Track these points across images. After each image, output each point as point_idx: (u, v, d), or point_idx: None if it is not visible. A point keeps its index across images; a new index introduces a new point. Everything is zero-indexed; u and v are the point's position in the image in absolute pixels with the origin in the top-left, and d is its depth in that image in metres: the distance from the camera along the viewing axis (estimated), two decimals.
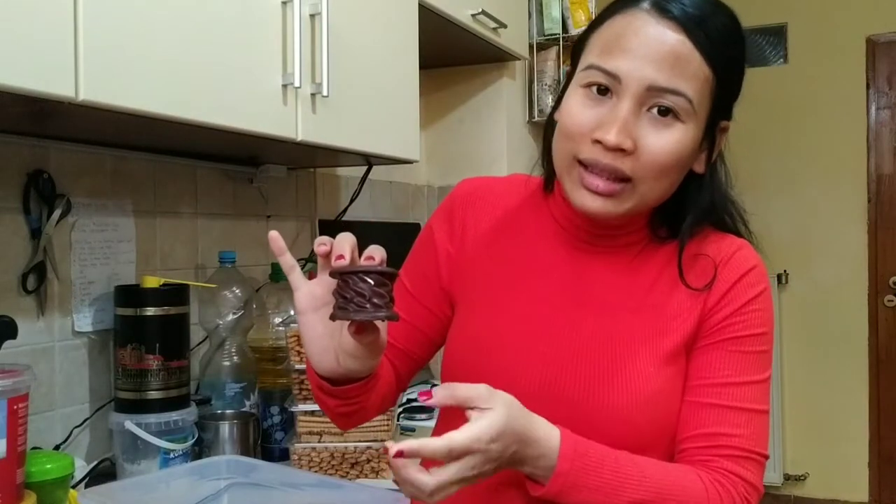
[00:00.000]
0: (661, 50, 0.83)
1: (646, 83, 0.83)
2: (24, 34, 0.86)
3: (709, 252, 0.92)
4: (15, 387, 0.94)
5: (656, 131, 0.84)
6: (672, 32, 0.83)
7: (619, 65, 0.83)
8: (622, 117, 0.83)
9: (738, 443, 0.86)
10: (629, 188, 0.85)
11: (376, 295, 0.75)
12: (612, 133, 0.82)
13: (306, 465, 1.38)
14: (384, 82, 1.58)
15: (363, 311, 0.75)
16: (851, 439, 3.78)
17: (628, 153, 0.83)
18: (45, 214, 1.30)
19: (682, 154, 0.85)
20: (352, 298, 0.75)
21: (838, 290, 3.82)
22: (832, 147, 3.80)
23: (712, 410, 0.88)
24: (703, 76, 0.84)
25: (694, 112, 0.84)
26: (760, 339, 0.90)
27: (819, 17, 3.81)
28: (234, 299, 1.55)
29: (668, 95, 0.83)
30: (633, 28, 0.84)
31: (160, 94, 1.05)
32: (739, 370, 0.88)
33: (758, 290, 0.91)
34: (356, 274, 0.76)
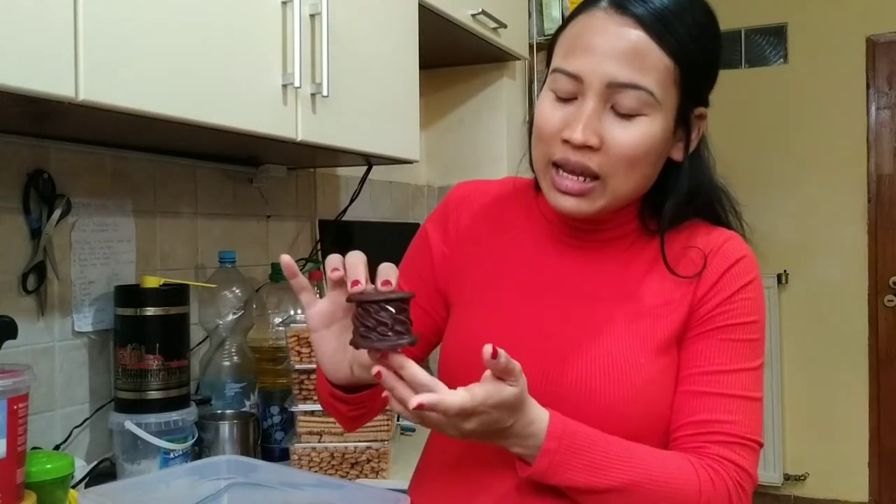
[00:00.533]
0: (618, 46, 0.84)
1: (606, 80, 0.85)
2: (24, 34, 0.86)
3: (698, 244, 0.94)
4: (15, 387, 0.94)
5: (621, 126, 0.86)
6: (628, 28, 0.85)
7: (580, 65, 0.86)
8: (586, 115, 0.85)
9: (731, 429, 0.87)
10: (599, 185, 0.88)
11: (398, 322, 0.77)
12: (578, 131, 0.85)
13: (306, 465, 1.38)
14: (384, 82, 1.58)
15: (387, 339, 0.76)
16: (851, 439, 3.78)
17: (595, 150, 0.86)
18: (45, 214, 1.30)
19: (651, 146, 0.87)
20: (374, 327, 0.76)
21: (838, 290, 3.82)
22: (832, 147, 3.80)
23: (704, 398, 0.89)
24: (663, 67, 0.85)
25: (658, 103, 0.86)
26: (751, 328, 0.91)
27: (819, 17, 3.81)
28: (234, 299, 1.55)
29: (629, 90, 0.85)
30: (591, 28, 0.87)
31: (160, 94, 1.05)
32: (731, 358, 0.90)
33: (747, 279, 0.92)
34: (377, 303, 0.77)
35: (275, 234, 1.89)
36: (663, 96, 0.86)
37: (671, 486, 0.83)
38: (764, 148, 3.83)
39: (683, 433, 0.89)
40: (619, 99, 0.85)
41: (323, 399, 0.96)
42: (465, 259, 1.02)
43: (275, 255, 1.86)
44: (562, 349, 0.91)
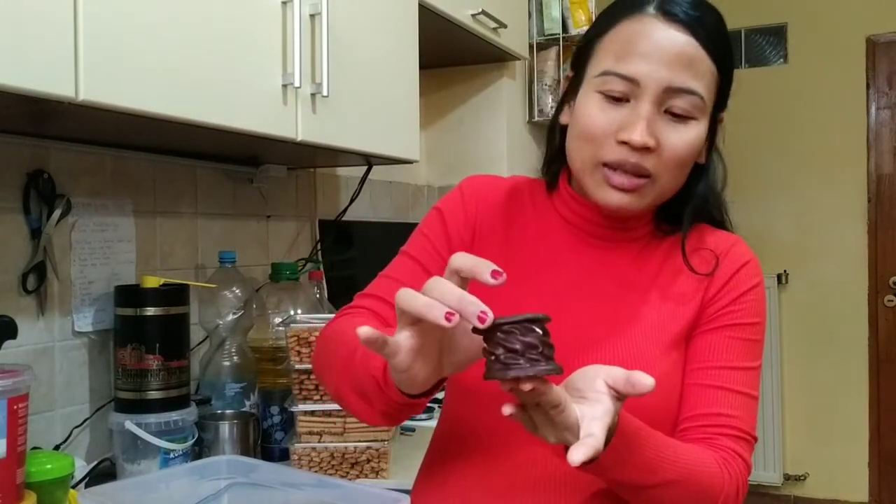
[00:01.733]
0: (673, 52, 0.88)
1: (663, 84, 0.87)
2: (24, 34, 0.86)
3: (708, 245, 0.97)
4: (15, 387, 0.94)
5: (674, 129, 0.89)
6: (680, 34, 0.88)
7: (637, 69, 0.88)
8: (645, 118, 0.87)
9: (737, 424, 0.90)
10: (649, 183, 0.91)
11: (546, 346, 0.68)
12: (638, 133, 0.87)
13: (306, 465, 1.38)
14: (384, 82, 1.58)
15: (538, 365, 0.66)
16: (851, 439, 3.78)
17: (652, 151, 0.88)
18: (45, 214, 1.30)
19: (696, 148, 0.92)
20: (522, 352, 0.66)
21: (838, 290, 3.82)
22: (832, 147, 3.80)
23: (714, 392, 0.91)
24: (710, 73, 0.90)
25: (706, 108, 0.90)
26: (755, 329, 0.95)
27: (819, 17, 3.81)
28: (234, 299, 1.55)
29: (684, 95, 0.88)
30: (643, 33, 0.89)
31: (160, 94, 1.05)
32: (736, 356, 0.93)
33: (755, 282, 0.96)
34: (521, 324, 0.67)
35: (275, 234, 1.89)
36: (709, 101, 0.91)
37: (704, 482, 0.84)
38: (764, 148, 3.83)
39: (694, 424, 0.91)
40: (673, 102, 0.88)
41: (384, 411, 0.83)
42: (482, 252, 0.97)
43: (275, 255, 1.86)
44: (579, 346, 0.91)
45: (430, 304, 0.65)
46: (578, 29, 2.55)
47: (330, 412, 1.38)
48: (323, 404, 1.37)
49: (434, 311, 0.64)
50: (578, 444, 0.67)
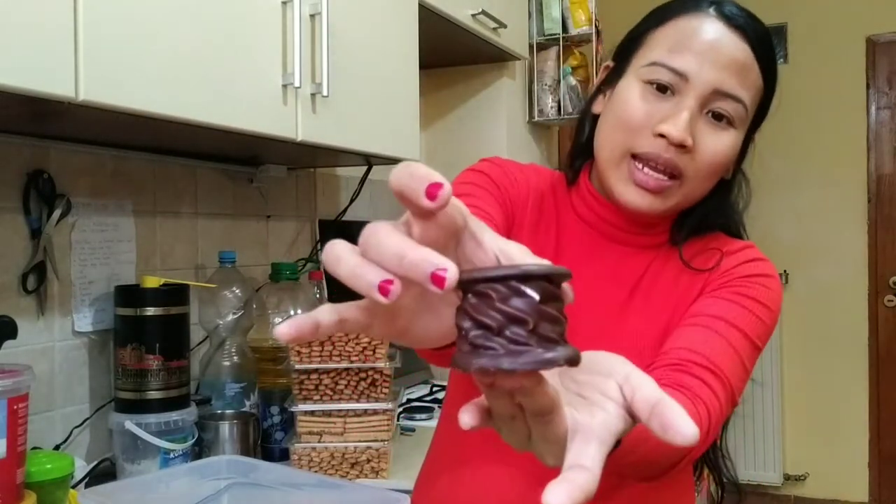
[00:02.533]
0: (729, 56, 0.85)
1: (712, 86, 0.85)
2: (24, 34, 0.86)
3: (718, 246, 0.94)
4: (15, 387, 0.94)
5: (713, 133, 0.86)
6: (738, 40, 0.85)
7: (688, 64, 0.85)
8: (685, 116, 0.84)
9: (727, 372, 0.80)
10: (676, 185, 0.87)
11: (545, 319, 0.40)
12: (679, 127, 0.83)
13: (306, 465, 1.38)
14: (384, 82, 1.58)
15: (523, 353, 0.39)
16: (851, 439, 3.78)
17: (688, 150, 0.85)
18: (45, 214, 1.30)
19: (731, 157, 0.89)
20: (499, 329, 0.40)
21: (838, 290, 3.82)
22: (832, 147, 3.81)
23: (705, 333, 0.83)
24: (758, 86, 0.88)
25: (746, 120, 0.88)
26: (763, 309, 0.87)
27: (819, 17, 3.81)
28: (234, 299, 1.55)
29: (730, 101, 0.85)
30: (701, 30, 0.86)
31: (160, 94, 1.05)
32: (738, 318, 0.85)
33: (767, 272, 0.90)
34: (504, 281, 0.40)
35: (275, 234, 1.89)
36: (751, 112, 0.89)
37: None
38: (764, 148, 3.82)
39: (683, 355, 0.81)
40: (718, 106, 0.86)
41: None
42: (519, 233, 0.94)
43: (275, 255, 1.86)
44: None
45: (355, 272, 0.41)
46: (578, 29, 2.55)
47: (330, 412, 1.38)
48: (323, 404, 1.37)
49: (361, 281, 0.41)
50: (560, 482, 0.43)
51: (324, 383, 1.37)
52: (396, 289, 0.40)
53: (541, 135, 2.71)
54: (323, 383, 1.37)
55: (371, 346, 1.35)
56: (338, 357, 1.35)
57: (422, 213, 0.43)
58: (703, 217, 0.94)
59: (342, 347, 1.35)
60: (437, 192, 0.42)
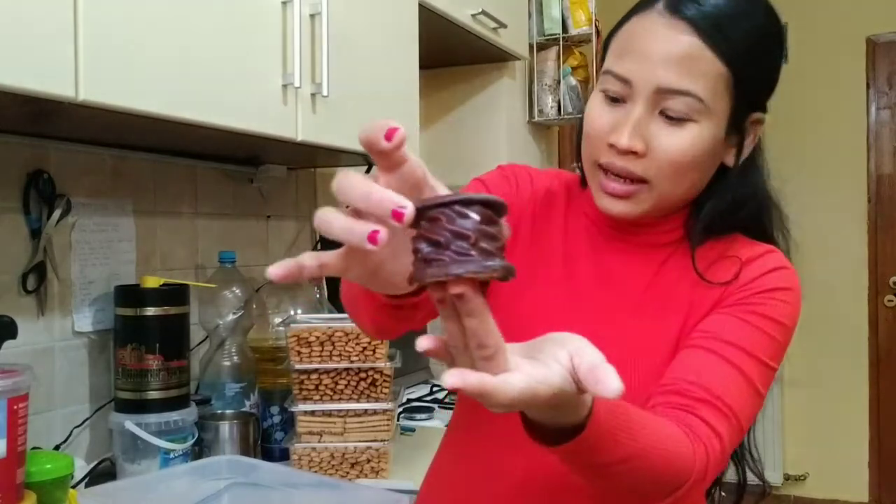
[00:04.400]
0: (670, 51, 0.82)
1: (655, 85, 0.82)
2: (24, 34, 0.86)
3: (737, 254, 0.90)
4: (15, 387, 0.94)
5: (669, 132, 0.83)
6: (681, 32, 0.82)
7: (630, 68, 0.84)
8: (633, 120, 0.83)
9: (730, 400, 0.80)
10: (646, 188, 0.85)
11: (485, 237, 0.49)
12: (624, 136, 0.83)
13: (306, 465, 1.38)
14: (384, 82, 1.58)
15: (469, 261, 0.48)
16: (851, 439, 3.78)
17: (640, 155, 0.83)
18: (45, 214, 1.30)
19: (698, 152, 0.84)
20: (447, 244, 0.48)
21: (838, 290, 3.82)
22: (832, 147, 3.81)
23: (713, 359, 0.82)
24: (715, 73, 0.82)
25: (708, 109, 0.83)
26: (779, 328, 0.86)
27: (819, 17, 3.81)
28: (234, 299, 1.55)
29: (678, 96, 0.82)
30: (643, 30, 0.84)
31: (160, 94, 1.05)
32: (751, 342, 0.84)
33: (788, 285, 0.87)
34: (450, 206, 0.49)
35: (275, 234, 1.89)
36: (714, 102, 0.83)
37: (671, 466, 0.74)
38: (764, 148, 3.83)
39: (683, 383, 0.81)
40: (668, 104, 0.83)
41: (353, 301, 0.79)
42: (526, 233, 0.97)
43: (275, 256, 1.86)
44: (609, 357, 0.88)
45: (347, 229, 0.50)
46: (578, 29, 2.55)
47: (330, 412, 1.38)
48: (323, 404, 1.37)
49: (353, 235, 0.50)
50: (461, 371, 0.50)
51: (324, 383, 1.37)
52: (383, 236, 0.49)
53: (541, 135, 2.71)
54: (323, 383, 1.37)
55: (371, 347, 1.35)
56: (338, 357, 1.35)
57: (384, 154, 0.54)
58: (718, 214, 0.90)
59: (342, 347, 1.35)
60: (393, 134, 0.53)
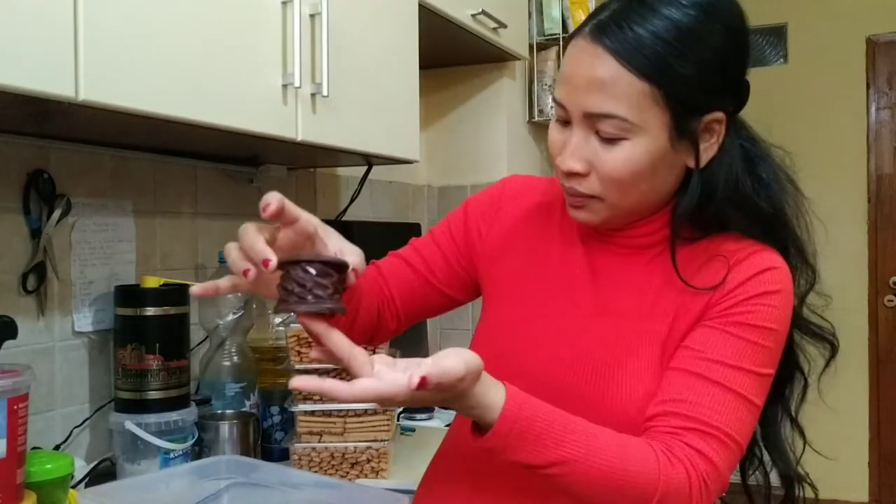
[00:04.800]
0: (590, 76, 0.84)
1: (581, 111, 0.86)
2: (24, 34, 0.86)
3: (725, 252, 0.91)
4: (15, 387, 0.94)
5: (606, 150, 0.86)
6: (600, 56, 0.84)
7: (562, 94, 0.88)
8: (572, 144, 0.87)
9: (713, 420, 0.83)
10: (597, 201, 0.89)
11: (318, 286, 0.74)
12: (566, 160, 0.88)
13: (306, 465, 1.38)
14: (384, 82, 1.58)
15: (303, 303, 0.73)
16: (851, 439, 3.78)
17: (583, 175, 0.88)
18: (45, 214, 1.30)
19: (638, 166, 0.85)
20: (292, 290, 0.74)
21: (838, 290, 3.80)
22: (832, 147, 3.80)
23: (697, 381, 0.85)
24: (636, 92, 0.83)
25: (637, 127, 0.84)
26: (769, 335, 0.87)
27: (819, 17, 3.81)
28: (234, 299, 1.55)
29: (604, 119, 0.84)
30: (571, 57, 0.88)
31: (160, 94, 1.05)
32: (739, 356, 0.86)
33: (774, 288, 0.89)
34: (298, 263, 0.75)
35: None
36: (642, 119, 0.84)
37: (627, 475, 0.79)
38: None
39: (664, 409, 0.85)
40: (598, 126, 0.85)
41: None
42: (504, 249, 1.02)
43: None
44: (575, 353, 0.92)
45: (234, 261, 0.79)
46: None
47: (330, 412, 1.38)
48: (323, 404, 1.37)
49: (234, 268, 0.79)
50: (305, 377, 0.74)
51: None
52: (252, 274, 0.77)
53: (541, 135, 2.71)
54: None
55: (371, 347, 1.35)
56: None
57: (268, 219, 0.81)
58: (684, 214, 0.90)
59: None
60: (266, 208, 0.83)
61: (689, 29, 0.83)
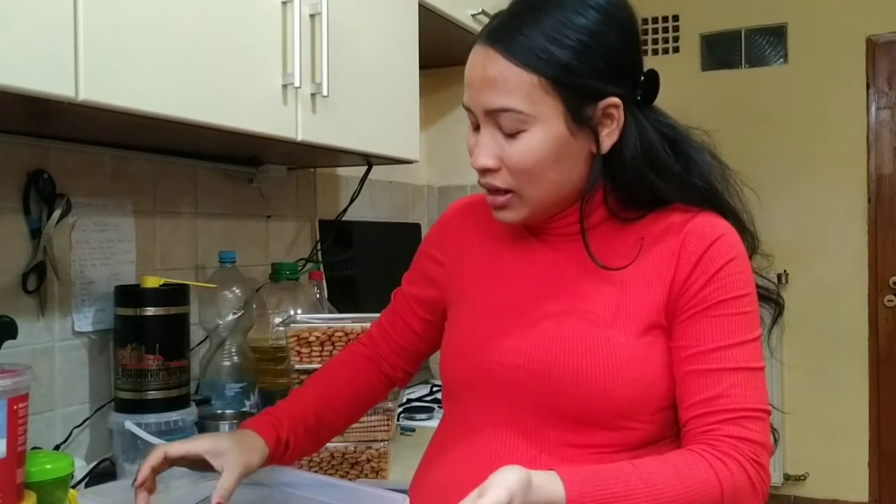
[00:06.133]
0: (483, 76, 0.92)
1: (482, 108, 0.93)
2: (24, 34, 0.86)
3: (674, 226, 0.96)
4: (15, 387, 0.94)
5: (510, 144, 0.92)
6: (489, 58, 0.91)
7: (467, 97, 0.95)
8: (481, 142, 0.94)
9: (736, 403, 0.89)
10: (514, 197, 0.95)
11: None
12: (478, 158, 0.94)
13: (306, 465, 1.38)
14: (384, 82, 1.58)
15: None
16: (851, 439, 3.78)
17: (495, 170, 0.94)
18: (45, 214, 1.30)
19: (541, 155, 0.92)
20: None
21: (838, 290, 3.81)
22: (832, 147, 3.80)
23: (706, 376, 0.91)
24: (527, 84, 0.89)
25: (532, 118, 0.90)
26: (742, 301, 0.93)
27: (819, 17, 3.81)
28: (234, 299, 1.55)
29: (500, 113, 0.91)
30: (470, 61, 0.95)
31: (160, 94, 1.05)
32: (727, 333, 0.91)
33: (730, 256, 0.93)
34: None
35: (275, 234, 1.89)
36: (536, 109, 0.90)
37: (694, 495, 0.84)
38: (764, 148, 3.83)
39: (692, 414, 0.90)
40: (499, 122, 0.92)
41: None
42: (460, 265, 1.09)
43: (275, 255, 1.87)
44: (547, 336, 0.95)
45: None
46: None
47: None
48: None
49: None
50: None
51: None
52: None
53: None
54: None
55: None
56: None
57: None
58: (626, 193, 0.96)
59: (342, 347, 1.35)
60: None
61: (566, 18, 0.90)
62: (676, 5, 4.05)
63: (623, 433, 0.92)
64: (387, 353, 1.18)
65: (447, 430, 1.06)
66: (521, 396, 0.95)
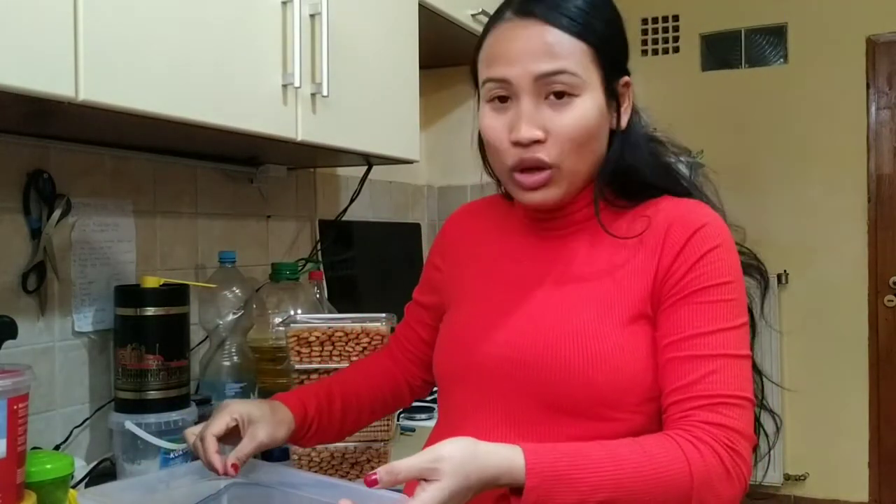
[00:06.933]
0: (528, 46, 0.93)
1: (532, 76, 0.92)
2: (24, 34, 0.86)
3: (660, 213, 0.97)
4: (15, 387, 0.94)
5: (559, 113, 0.93)
6: (536, 27, 0.93)
7: (505, 70, 0.94)
8: (526, 113, 0.93)
9: (714, 389, 0.88)
10: (556, 171, 0.94)
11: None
12: (522, 129, 0.92)
13: (306, 466, 1.38)
14: (384, 82, 1.58)
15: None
16: (851, 439, 3.78)
17: (542, 141, 0.93)
18: (45, 214, 1.30)
19: (589, 122, 0.94)
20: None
21: (838, 290, 3.81)
22: (832, 147, 3.80)
23: (686, 362, 0.90)
24: (578, 50, 0.93)
25: (584, 83, 0.93)
26: (726, 288, 0.92)
27: (819, 17, 3.81)
28: (234, 299, 1.55)
29: (554, 76, 0.92)
30: (504, 37, 0.95)
31: (160, 94, 1.05)
32: (709, 320, 0.91)
33: (713, 244, 0.93)
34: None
35: (275, 234, 1.89)
36: (587, 75, 0.93)
37: (661, 477, 0.83)
38: (764, 148, 3.83)
39: (671, 401, 0.90)
40: (549, 88, 0.92)
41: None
42: (457, 269, 1.12)
43: (275, 255, 1.87)
44: (536, 326, 0.96)
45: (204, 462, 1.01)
46: None
47: None
48: None
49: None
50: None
51: None
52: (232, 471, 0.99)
53: None
54: None
55: (371, 346, 1.35)
56: (338, 357, 1.35)
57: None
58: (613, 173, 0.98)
59: (342, 347, 1.35)
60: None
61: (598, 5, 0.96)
62: (676, 5, 4.05)
63: (610, 424, 0.91)
64: (404, 363, 1.21)
65: (439, 425, 1.07)
66: (509, 387, 0.95)
